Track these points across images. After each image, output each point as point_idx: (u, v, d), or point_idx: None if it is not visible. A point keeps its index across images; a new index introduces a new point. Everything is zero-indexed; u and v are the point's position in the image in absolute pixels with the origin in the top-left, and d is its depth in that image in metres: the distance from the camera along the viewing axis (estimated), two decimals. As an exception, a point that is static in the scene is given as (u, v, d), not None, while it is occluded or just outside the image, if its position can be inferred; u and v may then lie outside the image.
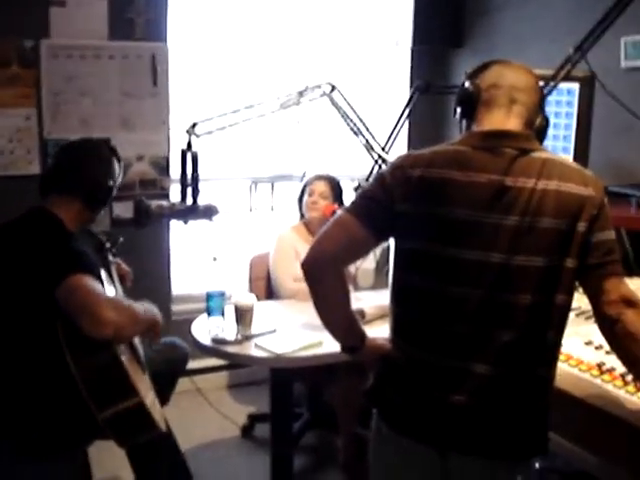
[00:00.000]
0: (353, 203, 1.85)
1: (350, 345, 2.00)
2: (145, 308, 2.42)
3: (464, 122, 1.89)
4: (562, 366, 2.19)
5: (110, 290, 2.61)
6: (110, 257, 2.82)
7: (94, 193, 2.50)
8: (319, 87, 3.11)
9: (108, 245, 2.81)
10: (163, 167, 4.08)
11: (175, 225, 4.02)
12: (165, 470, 2.85)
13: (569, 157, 2.99)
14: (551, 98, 2.76)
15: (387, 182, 1.79)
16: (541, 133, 1.87)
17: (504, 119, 1.80)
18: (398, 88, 4.66)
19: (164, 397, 2.80)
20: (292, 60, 4.49)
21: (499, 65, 1.86)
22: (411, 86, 4.47)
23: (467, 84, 1.86)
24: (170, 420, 2.83)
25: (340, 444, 3.40)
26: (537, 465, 2.75)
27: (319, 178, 3.77)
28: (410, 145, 4.58)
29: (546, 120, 1.88)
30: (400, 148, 4.28)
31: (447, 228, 1.73)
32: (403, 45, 4.46)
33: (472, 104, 1.84)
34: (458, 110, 1.90)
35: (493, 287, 1.70)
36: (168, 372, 2.88)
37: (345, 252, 1.86)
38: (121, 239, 2.86)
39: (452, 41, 4.32)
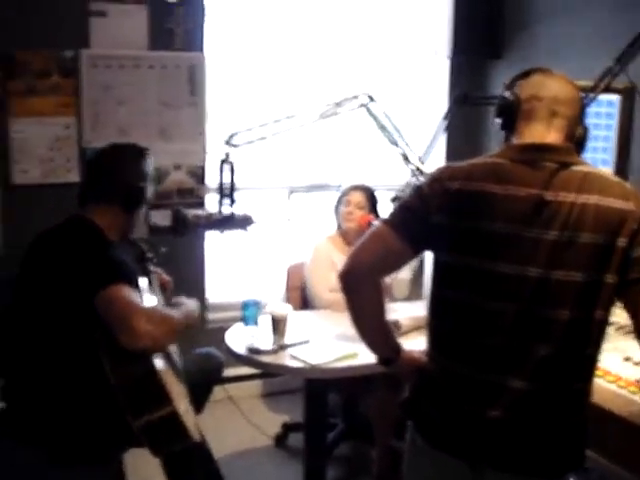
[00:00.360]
0: (391, 215, 1.84)
1: (385, 357, 1.99)
2: (183, 310, 2.43)
3: (504, 133, 1.88)
4: (600, 382, 2.17)
5: (150, 299, 2.62)
6: (151, 267, 2.84)
7: (127, 197, 2.49)
8: (357, 98, 3.11)
9: (150, 255, 2.82)
10: (200, 176, 4.10)
11: (212, 234, 4.04)
12: (199, 478, 2.86)
13: (609, 170, 2.96)
14: (590, 110, 2.73)
15: (425, 194, 1.78)
16: (581, 144, 1.85)
17: (544, 132, 1.78)
18: (436, 99, 4.64)
19: (198, 406, 2.81)
20: (330, 70, 4.50)
21: (540, 74, 1.84)
22: (449, 97, 4.46)
23: (506, 94, 1.84)
24: (203, 428, 2.84)
25: (375, 456, 3.38)
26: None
27: (355, 188, 3.77)
28: (447, 156, 4.56)
29: (586, 130, 1.86)
30: (437, 159, 4.27)
31: (485, 241, 1.72)
32: (441, 55, 4.44)
33: (511, 116, 1.82)
34: (497, 121, 1.88)
35: (531, 301, 1.68)
36: (203, 382, 2.88)
37: (382, 264, 1.86)
38: (163, 249, 2.88)
39: (490, 52, 4.29)
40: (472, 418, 1.74)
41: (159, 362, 2.26)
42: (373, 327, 1.95)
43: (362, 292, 1.86)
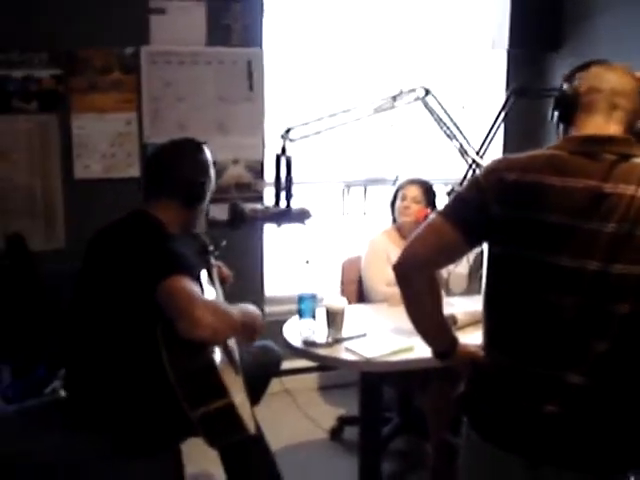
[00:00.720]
0: (447, 206, 1.84)
1: (441, 350, 1.99)
2: (244, 311, 2.43)
3: (561, 126, 1.86)
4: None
5: (210, 292, 2.65)
6: (212, 260, 2.87)
7: (187, 192, 2.53)
8: (413, 91, 3.10)
9: (211, 248, 2.85)
10: (258, 171, 4.14)
11: (269, 228, 4.07)
12: (255, 470, 2.88)
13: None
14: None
15: (482, 186, 1.77)
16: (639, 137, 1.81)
17: (604, 125, 1.75)
18: (494, 91, 4.59)
19: (256, 398, 2.83)
20: (387, 64, 4.49)
21: (599, 66, 1.82)
22: (507, 90, 4.40)
23: (565, 87, 1.83)
24: (260, 420, 2.87)
25: (430, 450, 3.37)
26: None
27: (412, 182, 3.76)
28: (505, 149, 4.51)
29: None
30: (495, 152, 4.23)
31: (542, 234, 1.70)
32: (499, 48, 4.39)
33: (570, 108, 1.81)
34: (555, 114, 1.86)
35: (590, 295, 1.66)
36: (261, 375, 2.90)
37: (437, 255, 1.85)
38: (224, 242, 2.91)
39: (549, 44, 4.23)
40: (528, 413, 1.72)
41: (217, 355, 2.29)
42: (428, 319, 1.94)
43: (417, 284, 1.86)
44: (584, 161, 1.70)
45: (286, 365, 3.88)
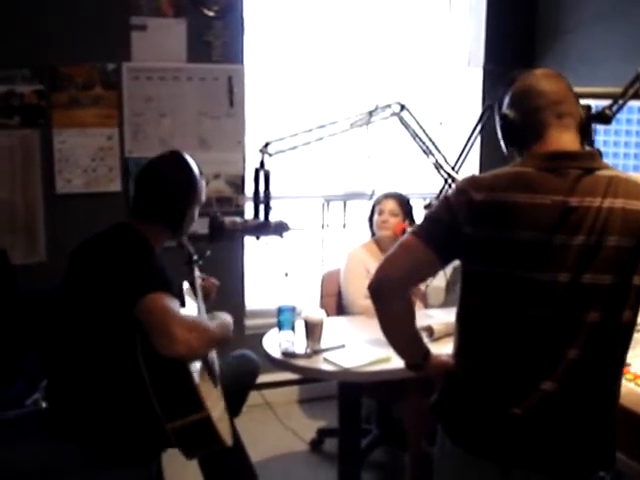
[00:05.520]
0: (419, 226, 1.86)
1: (414, 363, 2.01)
2: (222, 323, 2.46)
3: (516, 149, 1.88)
4: (630, 385, 2.19)
5: (192, 305, 2.68)
6: (197, 271, 2.89)
7: (168, 216, 2.55)
8: (389, 107, 3.15)
9: (195, 257, 2.88)
10: (239, 185, 4.18)
11: (249, 241, 4.10)
12: (235, 481, 2.91)
13: (641, 176, 2.96)
14: (621, 116, 2.74)
15: (452, 207, 1.79)
16: (587, 125, 1.86)
17: (559, 137, 1.79)
18: (471, 108, 4.66)
19: (235, 409, 2.85)
20: (365, 81, 4.55)
21: (525, 79, 1.85)
22: (482, 106, 4.47)
23: (506, 113, 1.85)
24: (241, 432, 2.90)
25: (408, 461, 3.40)
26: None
27: (387, 196, 3.81)
28: (482, 164, 4.58)
29: (588, 108, 1.88)
30: (471, 167, 4.29)
31: (514, 251, 1.73)
32: (475, 65, 4.46)
33: (519, 133, 1.84)
34: (505, 141, 1.90)
35: (562, 306, 1.70)
36: (239, 384, 2.92)
37: (411, 275, 1.88)
38: (208, 252, 2.93)
39: (523, 61, 4.30)
40: (498, 417, 1.76)
41: (195, 367, 2.31)
42: (402, 335, 1.97)
43: (391, 304, 1.88)
44: (550, 177, 1.74)
45: (267, 378, 3.92)
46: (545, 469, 1.75)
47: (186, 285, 2.79)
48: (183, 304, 2.54)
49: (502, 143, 1.92)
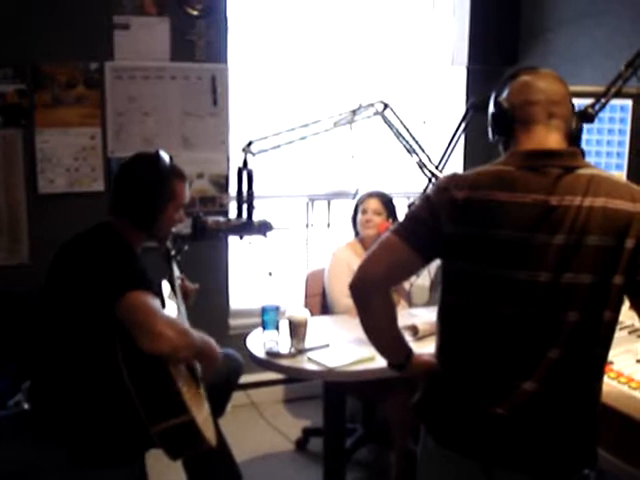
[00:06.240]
0: (400, 225, 1.85)
1: (396, 363, 2.01)
2: (203, 337, 2.44)
3: (502, 140, 1.89)
4: (612, 383, 2.20)
5: (172, 306, 2.67)
6: (177, 271, 2.89)
7: (138, 215, 2.53)
8: (372, 105, 3.15)
9: (173, 253, 2.87)
10: (222, 185, 4.17)
11: (234, 241, 4.09)
12: (220, 482, 2.90)
13: (622, 174, 2.98)
14: (603, 115, 2.74)
15: (433, 205, 1.79)
16: (577, 137, 1.85)
17: (545, 136, 1.79)
18: (455, 106, 4.67)
19: (219, 409, 2.85)
20: (349, 79, 4.56)
21: (529, 75, 1.84)
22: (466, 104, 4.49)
23: (500, 101, 1.84)
24: (226, 433, 2.89)
25: (393, 459, 3.41)
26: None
27: (370, 195, 3.81)
28: (465, 163, 4.59)
29: (581, 122, 1.86)
30: (455, 167, 4.30)
31: (495, 250, 1.73)
32: (459, 64, 4.47)
33: (508, 123, 1.83)
34: (494, 129, 1.89)
35: (542, 306, 1.70)
36: (222, 384, 2.91)
37: (392, 274, 1.87)
38: (186, 247, 2.92)
39: (507, 60, 4.31)
40: (479, 416, 1.76)
41: (178, 369, 2.31)
42: (384, 335, 1.97)
43: (372, 303, 1.87)
44: (530, 176, 1.73)
45: (252, 378, 3.92)
46: (527, 469, 1.75)
47: (165, 285, 2.78)
48: (163, 304, 2.53)
49: (490, 131, 1.91)
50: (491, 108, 1.89)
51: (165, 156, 2.61)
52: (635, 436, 2.04)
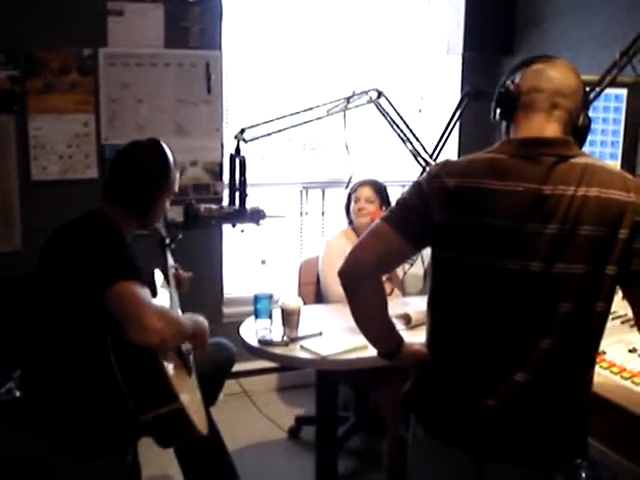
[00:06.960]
0: (390, 212, 1.83)
1: (386, 352, 2.00)
2: (193, 320, 2.44)
3: (504, 123, 1.86)
4: (605, 373, 2.20)
5: (164, 295, 2.66)
6: (170, 260, 2.88)
7: (134, 201, 2.53)
8: (366, 93, 3.14)
9: (167, 241, 2.86)
10: (216, 172, 4.15)
11: (228, 230, 4.09)
12: (212, 470, 2.90)
13: (617, 164, 2.97)
14: (598, 104, 2.74)
15: (424, 191, 1.77)
16: (583, 134, 1.82)
17: (543, 125, 1.76)
18: (450, 95, 4.66)
19: (211, 397, 2.85)
20: (344, 67, 4.54)
21: (542, 63, 1.80)
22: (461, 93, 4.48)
23: (508, 84, 1.82)
24: (218, 421, 2.89)
25: (385, 448, 3.42)
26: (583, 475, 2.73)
27: (363, 184, 3.81)
28: (460, 151, 4.58)
29: (588, 120, 1.83)
30: (450, 155, 4.29)
31: (486, 238, 1.71)
32: (454, 53, 4.46)
33: (511, 106, 1.81)
34: (498, 111, 1.86)
35: (533, 296, 1.68)
36: (215, 373, 2.91)
37: (382, 261, 1.84)
38: (180, 235, 2.92)
39: (503, 49, 4.30)
40: (470, 407, 1.75)
41: (168, 357, 2.30)
42: (374, 323, 1.95)
43: (362, 291, 1.86)
44: (523, 164, 1.71)
45: (245, 366, 3.92)
46: (518, 460, 1.74)
47: (159, 274, 2.77)
48: (154, 292, 2.52)
49: (492, 111, 1.88)
50: (498, 90, 1.85)
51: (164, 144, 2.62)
52: (626, 425, 2.04)
